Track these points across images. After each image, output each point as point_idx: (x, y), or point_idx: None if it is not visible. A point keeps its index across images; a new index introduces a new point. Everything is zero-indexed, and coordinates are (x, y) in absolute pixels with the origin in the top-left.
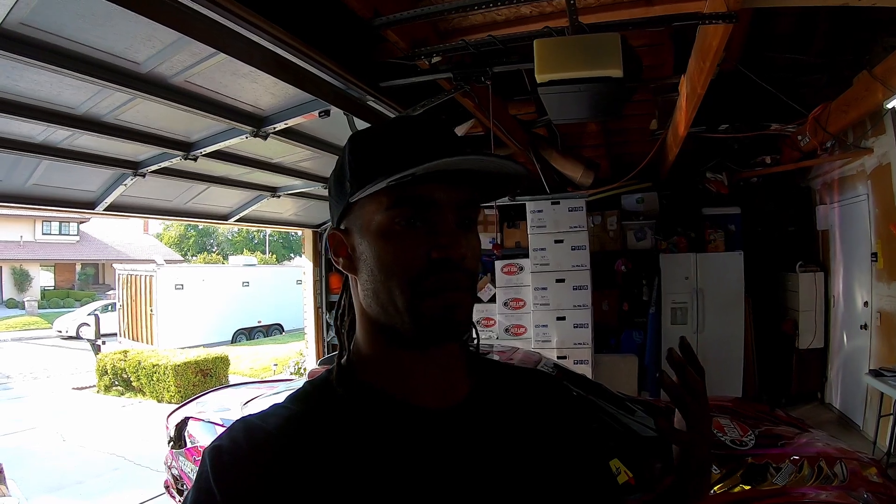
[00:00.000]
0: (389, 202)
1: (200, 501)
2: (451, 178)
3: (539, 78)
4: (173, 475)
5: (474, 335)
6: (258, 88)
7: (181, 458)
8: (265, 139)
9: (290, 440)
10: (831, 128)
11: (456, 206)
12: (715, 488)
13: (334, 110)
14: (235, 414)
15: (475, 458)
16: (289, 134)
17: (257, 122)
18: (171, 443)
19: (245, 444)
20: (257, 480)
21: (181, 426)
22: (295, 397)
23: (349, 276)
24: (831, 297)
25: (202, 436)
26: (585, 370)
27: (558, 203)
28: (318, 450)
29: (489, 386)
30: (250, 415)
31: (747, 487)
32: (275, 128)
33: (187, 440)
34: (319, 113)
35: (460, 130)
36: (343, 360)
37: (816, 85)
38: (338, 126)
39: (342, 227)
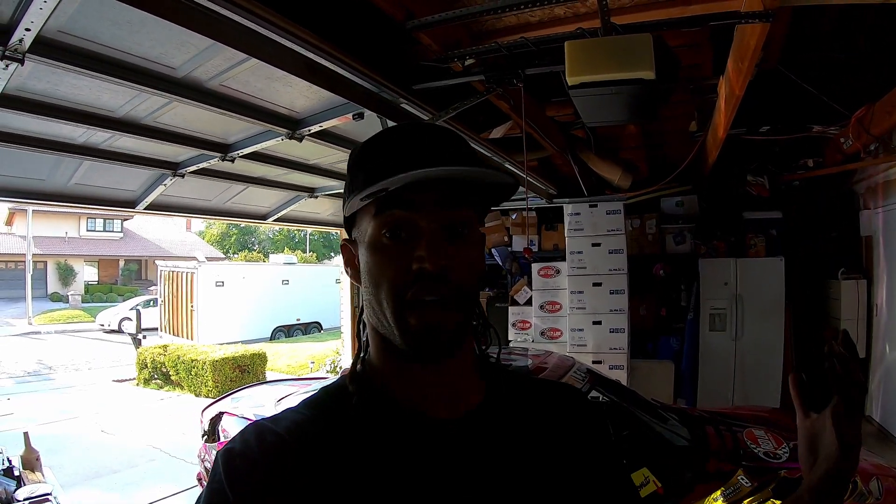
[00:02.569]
0: (375, 214)
1: (214, 503)
2: (438, 187)
3: (570, 80)
4: (206, 468)
5: (493, 343)
6: (293, 92)
7: (214, 451)
8: (300, 141)
9: (301, 445)
10: (875, 130)
11: (443, 217)
12: (745, 502)
13: (368, 113)
14: (269, 410)
15: (482, 468)
16: (324, 136)
17: (293, 125)
18: (205, 437)
19: (257, 448)
20: (269, 483)
21: (215, 421)
22: (309, 402)
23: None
24: (874, 306)
25: (235, 431)
26: (621, 375)
27: (596, 206)
28: (328, 455)
29: (503, 396)
30: (263, 418)
31: (778, 502)
32: (310, 130)
33: (221, 435)
34: (353, 115)
35: (498, 132)
36: (358, 367)
37: (859, 85)
38: (372, 128)
39: (351, 238)
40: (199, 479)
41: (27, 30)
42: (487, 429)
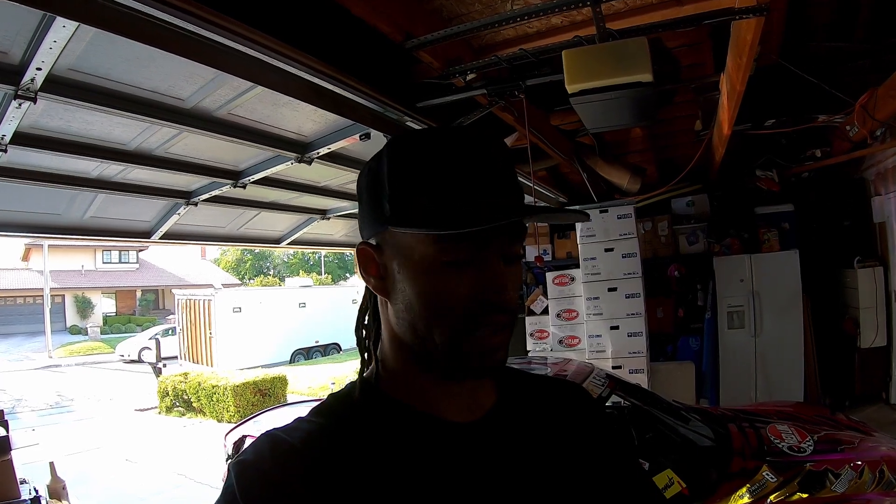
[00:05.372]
0: (437, 237)
1: None
2: (514, 224)
3: (569, 88)
4: None
5: None
6: (299, 116)
7: None
8: (310, 164)
9: (314, 454)
10: (879, 114)
11: (509, 249)
12: (771, 497)
13: (374, 133)
14: None
15: (500, 470)
16: (333, 158)
17: (301, 149)
18: (229, 460)
19: (270, 459)
20: (282, 495)
21: (239, 444)
22: (319, 410)
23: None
24: (892, 292)
25: None
26: (641, 379)
27: (606, 211)
28: (342, 464)
29: (515, 397)
30: (275, 428)
31: (805, 496)
32: (318, 153)
33: None
34: (360, 136)
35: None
36: (366, 374)
37: (859, 72)
38: (379, 147)
39: (373, 241)
40: None
41: (38, 69)
42: (504, 431)
